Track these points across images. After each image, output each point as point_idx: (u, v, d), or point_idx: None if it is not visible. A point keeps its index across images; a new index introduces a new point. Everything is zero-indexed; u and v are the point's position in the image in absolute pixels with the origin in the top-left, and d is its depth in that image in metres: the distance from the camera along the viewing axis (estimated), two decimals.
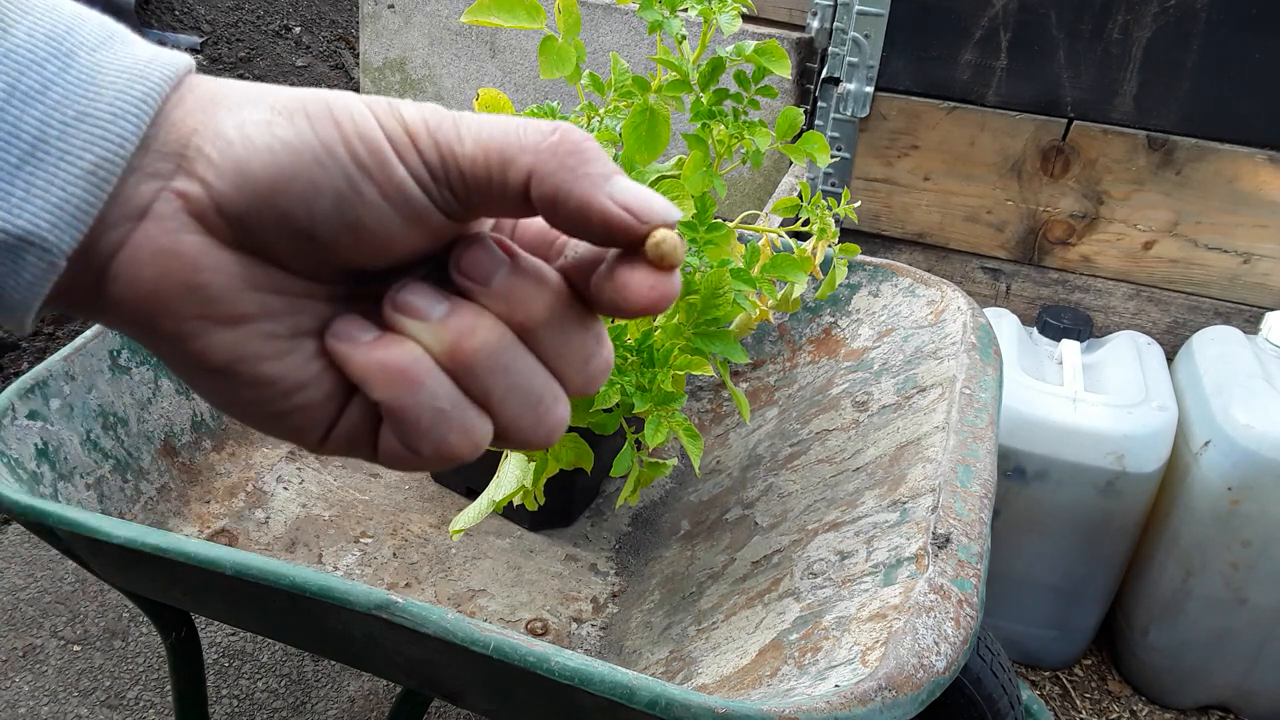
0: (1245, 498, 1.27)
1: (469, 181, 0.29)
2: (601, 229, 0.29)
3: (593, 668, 0.61)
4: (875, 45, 1.49)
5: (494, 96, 0.85)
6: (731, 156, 0.87)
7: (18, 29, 0.28)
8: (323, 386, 0.31)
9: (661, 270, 0.30)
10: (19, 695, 1.36)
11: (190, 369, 0.30)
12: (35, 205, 0.27)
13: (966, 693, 0.99)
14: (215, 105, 0.29)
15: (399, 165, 0.29)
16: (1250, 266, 1.46)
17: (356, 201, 0.29)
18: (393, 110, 0.29)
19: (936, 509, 0.77)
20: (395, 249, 0.30)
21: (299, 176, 0.28)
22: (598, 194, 0.29)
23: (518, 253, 0.31)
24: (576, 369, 0.32)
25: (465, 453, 0.31)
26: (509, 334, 0.31)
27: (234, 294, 0.29)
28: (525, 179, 0.29)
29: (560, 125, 0.29)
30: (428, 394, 0.30)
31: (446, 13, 2.20)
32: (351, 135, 0.29)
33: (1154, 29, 1.38)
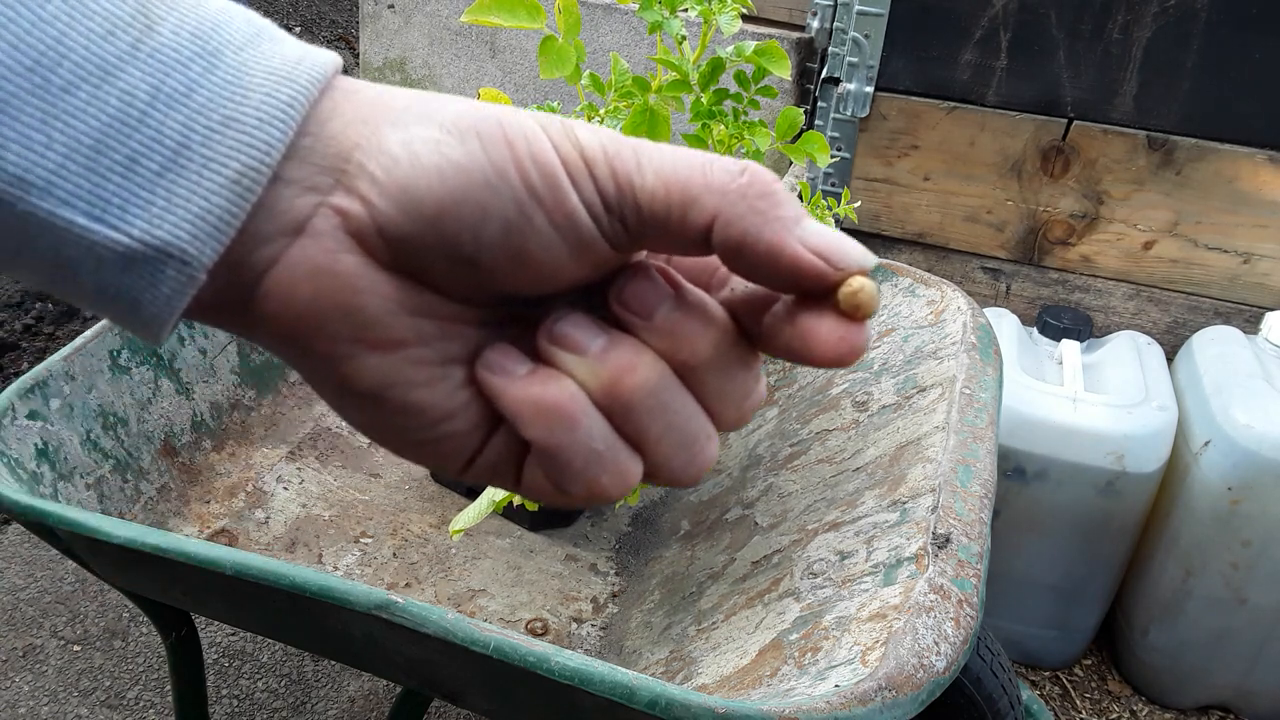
0: (1245, 498, 1.27)
1: (645, 217, 0.27)
2: (790, 276, 0.27)
3: (593, 668, 0.61)
4: (875, 45, 1.49)
5: (494, 97, 0.85)
6: (732, 156, 0.87)
7: (163, 26, 0.26)
8: (470, 416, 0.29)
9: (853, 321, 0.28)
10: (19, 695, 1.36)
11: (338, 391, 0.29)
12: (176, 215, 0.26)
13: (966, 693, 0.99)
14: (378, 118, 0.28)
15: (573, 193, 0.27)
16: (1250, 266, 1.46)
17: (525, 229, 0.27)
18: (568, 132, 0.28)
19: (936, 509, 0.77)
20: (557, 278, 0.28)
21: (468, 200, 0.26)
22: (790, 239, 0.27)
23: (682, 285, 0.30)
24: (731, 407, 0.30)
25: (616, 494, 0.29)
26: (669, 372, 0.29)
27: (389, 318, 0.28)
28: (709, 221, 0.27)
29: (749, 165, 0.28)
30: (583, 434, 0.28)
31: (446, 12, 2.20)
32: (525, 158, 0.27)
33: (1154, 29, 1.38)
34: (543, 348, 0.29)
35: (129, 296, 0.27)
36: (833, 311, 0.28)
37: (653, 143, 0.28)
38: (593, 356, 0.28)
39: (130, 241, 0.26)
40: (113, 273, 0.26)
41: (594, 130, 0.28)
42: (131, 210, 0.26)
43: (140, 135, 0.25)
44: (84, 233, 0.25)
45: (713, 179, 0.27)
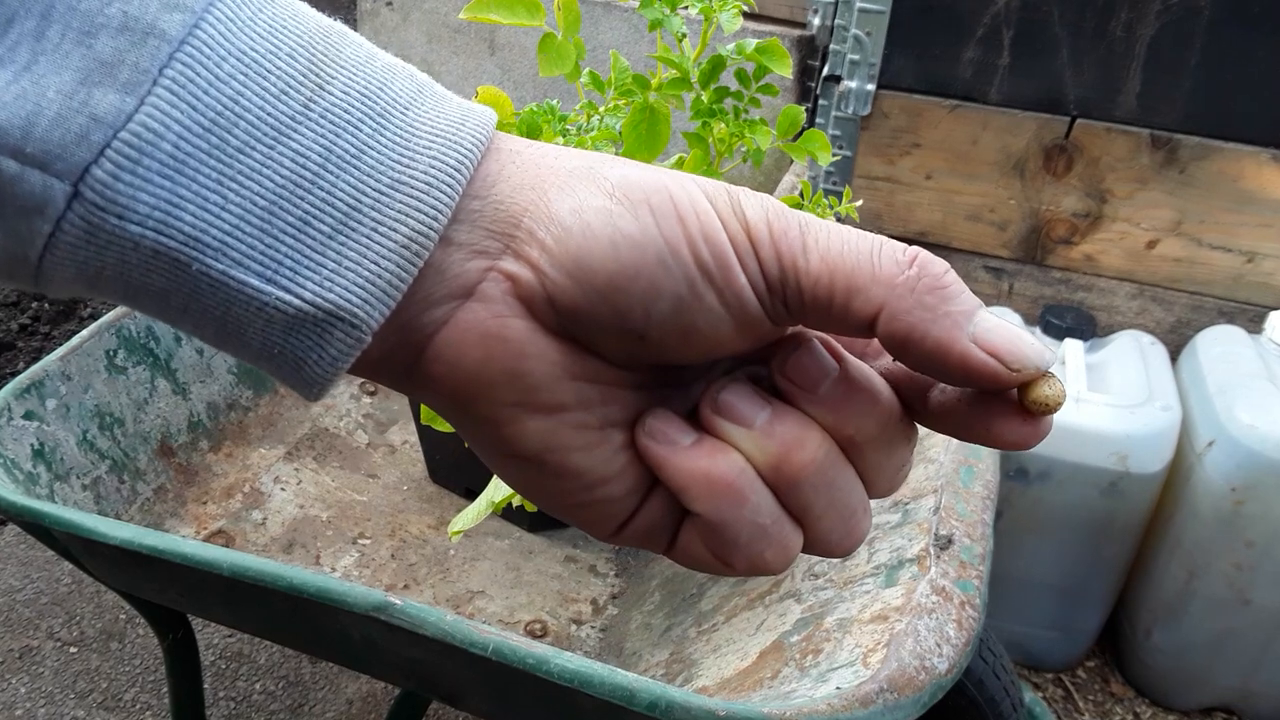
0: (1248, 498, 1.26)
1: (807, 301, 0.27)
2: (961, 374, 0.27)
3: (592, 669, 0.61)
4: (877, 43, 1.48)
5: (493, 94, 0.85)
6: (732, 155, 0.86)
7: (334, 85, 0.26)
8: (626, 481, 0.29)
9: (1036, 417, 0.27)
10: (16, 697, 1.35)
11: (498, 453, 0.29)
12: (347, 279, 0.26)
13: (969, 695, 0.99)
14: (545, 183, 0.27)
15: (741, 273, 0.27)
16: (1254, 266, 1.46)
17: (695, 306, 0.27)
18: (734, 207, 0.27)
19: (938, 510, 0.76)
20: (720, 351, 0.28)
21: (641, 276, 0.26)
22: (959, 337, 0.26)
23: (846, 359, 0.29)
24: (888, 479, 0.30)
25: (778, 568, 0.29)
26: (835, 449, 0.29)
27: (554, 383, 0.28)
28: (875, 313, 0.26)
29: (919, 255, 0.27)
30: (750, 509, 0.28)
31: (445, 9, 2.20)
32: (697, 236, 0.27)
33: (1157, 27, 1.37)
34: (706, 417, 0.29)
35: (294, 356, 0.27)
36: (1016, 408, 0.27)
37: (820, 221, 0.28)
38: (759, 430, 0.28)
39: (301, 304, 0.26)
40: (280, 333, 0.26)
41: (760, 204, 0.28)
42: (303, 273, 0.25)
43: (313, 197, 0.25)
44: (256, 294, 0.25)
45: (881, 271, 0.26)
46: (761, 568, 0.29)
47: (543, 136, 0.78)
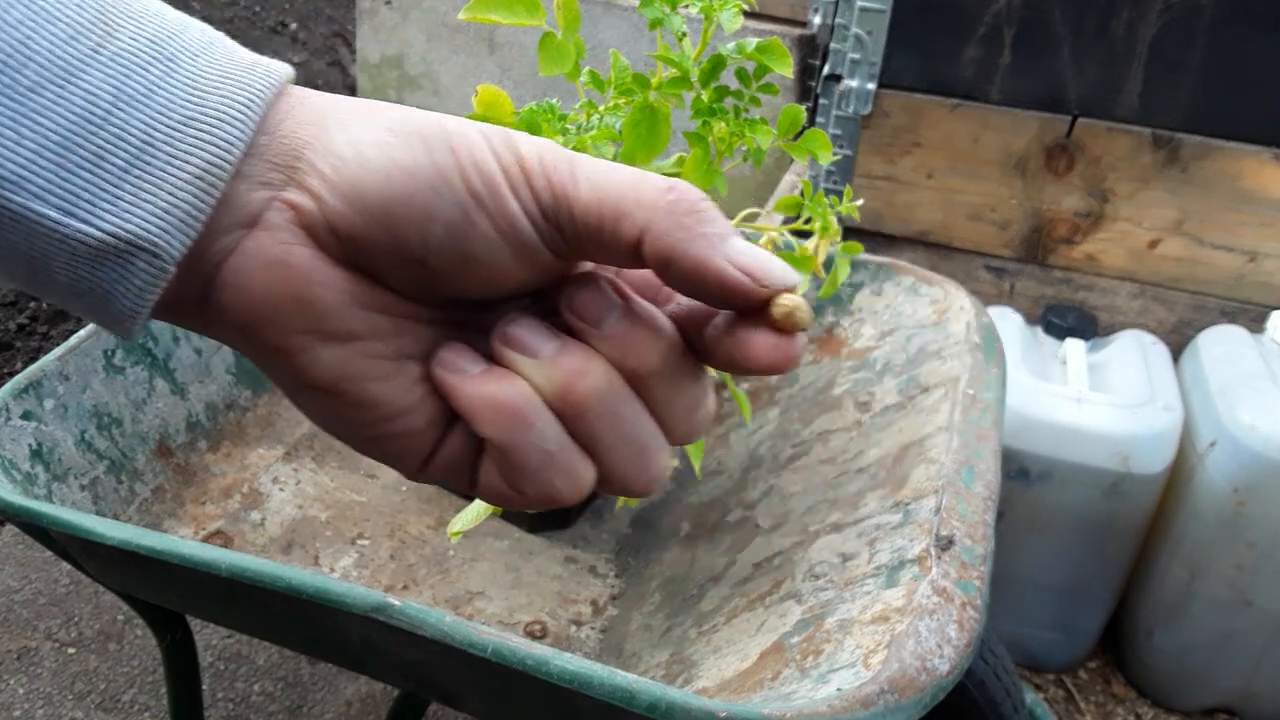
0: (1250, 499, 1.26)
1: (579, 228, 0.29)
2: (717, 291, 0.29)
3: (592, 670, 0.60)
4: (878, 42, 1.48)
5: (493, 94, 0.84)
6: (732, 154, 0.86)
7: (122, 32, 0.27)
8: (425, 413, 0.31)
9: (787, 334, 0.29)
10: (14, 698, 1.35)
11: (294, 384, 0.30)
12: (144, 209, 0.27)
13: (970, 696, 0.99)
14: (326, 119, 0.29)
15: (512, 199, 0.29)
16: (1256, 265, 1.45)
17: (469, 231, 0.29)
18: (508, 142, 0.29)
19: (940, 510, 0.76)
20: (504, 281, 0.30)
21: (414, 202, 0.28)
22: (714, 256, 0.28)
23: (631, 296, 0.31)
24: (681, 418, 0.32)
25: (568, 496, 0.30)
26: (619, 380, 0.30)
27: (343, 310, 0.29)
28: (638, 235, 0.28)
29: (677, 183, 0.29)
30: (536, 434, 0.29)
31: (444, 9, 2.20)
32: (467, 164, 0.28)
33: (1159, 26, 1.37)
34: (496, 349, 0.30)
35: (102, 290, 0.28)
36: (767, 326, 0.29)
37: (590, 158, 0.30)
38: (545, 360, 0.30)
39: (101, 235, 0.27)
40: (86, 266, 0.27)
41: (534, 141, 0.30)
42: (101, 205, 0.27)
43: (106, 133, 0.27)
44: (55, 226, 0.26)
45: (643, 196, 0.28)
46: (552, 495, 0.30)
47: (543, 135, 0.77)
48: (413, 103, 2.35)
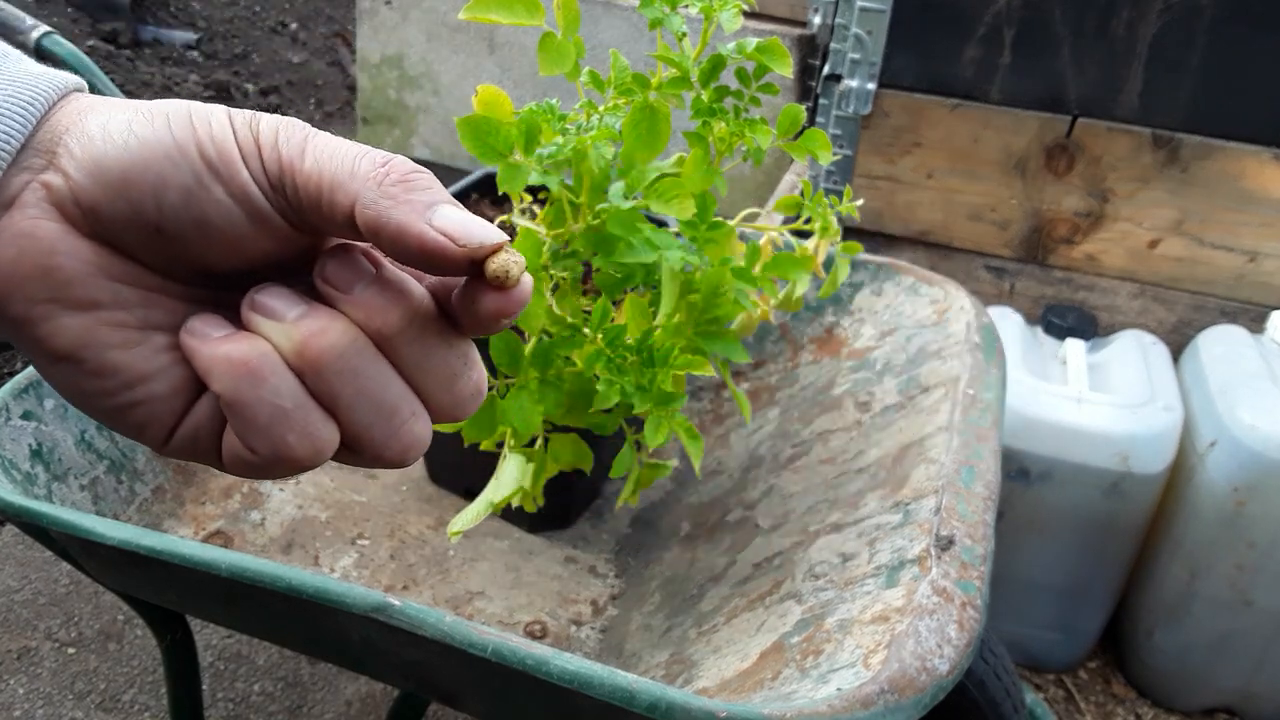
0: (1250, 499, 1.26)
1: (302, 197, 0.31)
2: (419, 253, 0.30)
3: (593, 670, 0.60)
4: (878, 41, 1.48)
5: (493, 94, 0.84)
6: (732, 154, 0.86)
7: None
8: (169, 380, 0.32)
9: (505, 288, 0.31)
10: (14, 698, 1.35)
11: (38, 354, 0.31)
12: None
13: (970, 696, 0.98)
14: (89, 110, 0.31)
15: (244, 168, 0.30)
16: (1256, 265, 1.45)
17: (204, 198, 0.30)
18: (251, 120, 0.31)
19: (940, 510, 0.76)
20: (245, 250, 0.32)
21: (149, 170, 0.30)
22: (417, 220, 0.30)
23: (384, 264, 0.32)
24: (441, 386, 0.33)
25: (304, 456, 0.31)
26: (363, 338, 0.31)
27: (86, 279, 0.30)
28: (350, 205, 0.30)
29: (395, 158, 0.31)
30: (269, 390, 0.30)
31: (444, 8, 2.19)
32: (205, 137, 0.30)
33: (1159, 25, 1.37)
34: (244, 315, 0.32)
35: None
36: (488, 284, 0.31)
37: (329, 135, 0.32)
38: (289, 322, 0.31)
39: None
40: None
41: (277, 120, 0.32)
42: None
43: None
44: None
45: (359, 169, 0.30)
46: (285, 453, 0.31)
47: (543, 135, 0.77)
48: (413, 102, 2.35)
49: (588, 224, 0.80)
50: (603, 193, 0.80)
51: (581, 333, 0.77)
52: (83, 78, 0.38)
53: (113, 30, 2.97)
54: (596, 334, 0.75)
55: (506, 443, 0.80)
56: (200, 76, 3.02)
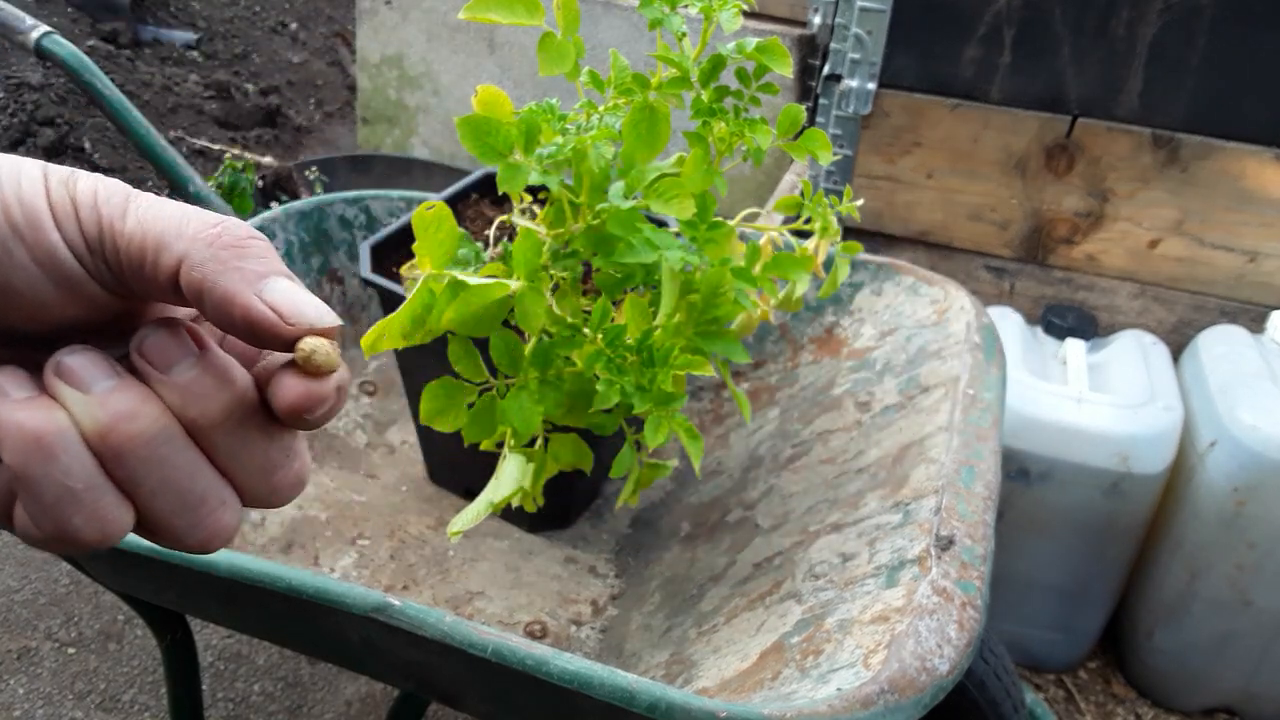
0: (1250, 499, 1.26)
1: (124, 260, 0.29)
2: (245, 325, 0.28)
3: (593, 671, 0.60)
4: (878, 41, 1.48)
5: (493, 94, 0.84)
6: (732, 154, 0.86)
7: None
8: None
9: (314, 377, 0.29)
10: (14, 698, 1.35)
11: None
12: None
13: (970, 696, 0.98)
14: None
15: (54, 231, 0.29)
16: (1256, 265, 1.45)
17: (6, 261, 0.28)
18: (68, 178, 0.29)
19: (940, 510, 0.76)
20: (50, 315, 0.30)
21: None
22: (245, 289, 0.28)
23: (210, 346, 0.30)
24: (256, 478, 0.31)
25: (89, 539, 0.29)
26: (175, 426, 0.29)
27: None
28: (176, 265, 0.28)
29: (228, 220, 0.29)
30: (59, 469, 0.28)
31: (444, 8, 2.19)
32: (12, 198, 0.29)
33: (1159, 26, 1.37)
34: (47, 378, 0.29)
35: None
36: (294, 368, 0.29)
37: (153, 197, 0.30)
38: (95, 397, 0.29)
39: None
40: None
41: (96, 178, 0.30)
42: None
43: None
44: None
45: (187, 228, 0.29)
46: (70, 534, 0.29)
47: (542, 135, 0.77)
48: (413, 102, 2.35)
49: (588, 224, 0.80)
50: (603, 193, 0.80)
51: (581, 333, 0.77)
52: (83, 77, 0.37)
53: (113, 30, 2.97)
54: (596, 334, 0.75)
55: (506, 443, 0.80)
56: (200, 76, 3.02)
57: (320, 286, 1.23)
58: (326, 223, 1.23)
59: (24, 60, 2.65)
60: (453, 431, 0.80)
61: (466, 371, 0.75)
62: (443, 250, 0.66)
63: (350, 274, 1.25)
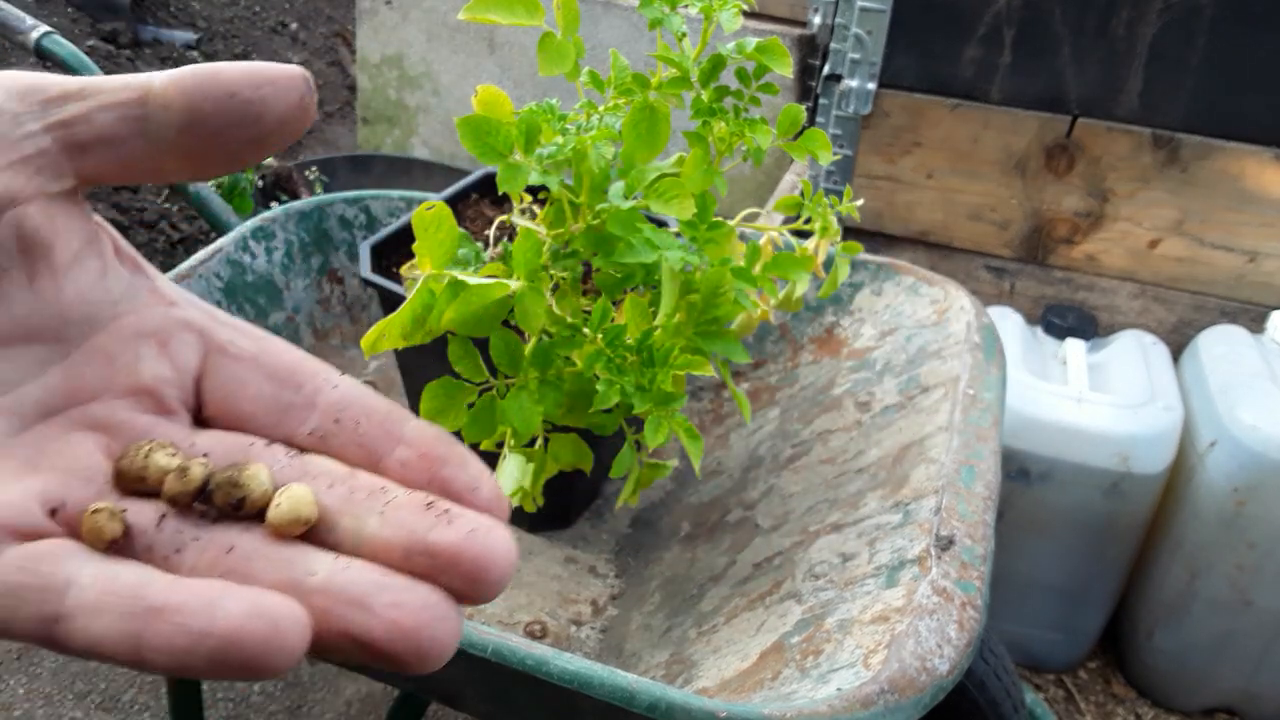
0: (1250, 499, 1.26)
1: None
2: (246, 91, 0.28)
3: (593, 670, 0.60)
4: (878, 41, 1.48)
5: (493, 94, 0.84)
6: (732, 154, 0.86)
7: None
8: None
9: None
10: (14, 698, 1.35)
11: None
12: None
13: (970, 696, 0.98)
14: None
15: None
16: (1256, 265, 1.45)
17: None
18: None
19: (940, 510, 0.76)
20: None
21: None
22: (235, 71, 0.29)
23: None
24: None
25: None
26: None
27: None
28: (147, 81, 0.29)
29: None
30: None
31: (444, 8, 2.19)
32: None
33: (1159, 26, 1.37)
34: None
35: None
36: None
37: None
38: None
39: None
40: None
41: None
42: None
43: None
44: None
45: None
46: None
47: (542, 135, 0.77)
48: (413, 102, 2.35)
49: (588, 224, 0.80)
50: (603, 193, 0.80)
51: (581, 333, 0.77)
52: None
53: (113, 30, 2.97)
54: (596, 334, 0.75)
55: (506, 443, 0.80)
56: None
57: (320, 286, 1.23)
58: (326, 223, 1.23)
59: (24, 60, 2.65)
60: (453, 431, 0.80)
61: (466, 371, 0.75)
62: (443, 250, 0.66)
63: (350, 274, 1.25)
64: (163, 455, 0.28)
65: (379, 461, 0.29)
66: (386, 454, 0.29)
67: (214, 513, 0.28)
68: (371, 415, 0.29)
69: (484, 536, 0.26)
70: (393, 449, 0.29)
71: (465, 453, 0.29)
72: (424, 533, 0.26)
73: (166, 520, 0.28)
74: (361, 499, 0.28)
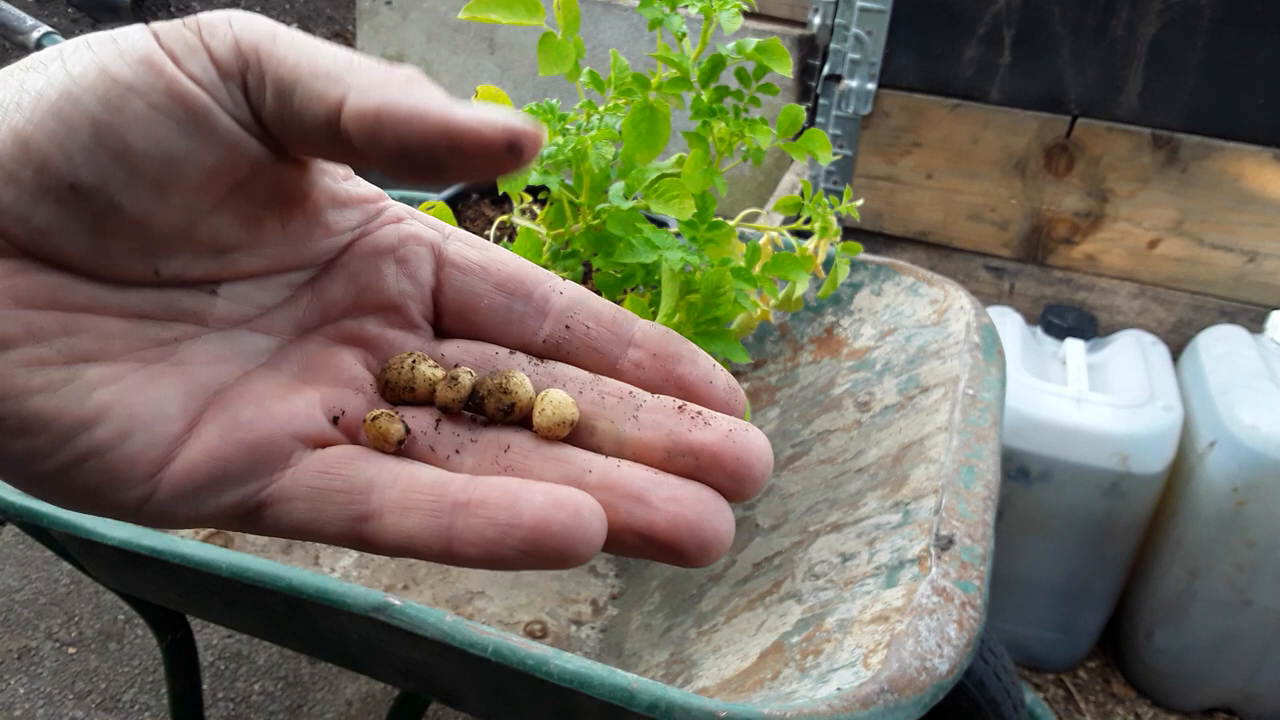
0: (1250, 499, 1.26)
1: (270, 83, 0.24)
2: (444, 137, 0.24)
3: (593, 670, 0.60)
4: (878, 42, 1.48)
5: (493, 94, 0.84)
6: (732, 154, 0.86)
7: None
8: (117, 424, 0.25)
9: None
10: (14, 698, 1.35)
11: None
12: None
13: (970, 696, 0.99)
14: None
15: (169, 64, 0.24)
16: (1256, 265, 1.45)
17: (119, 122, 0.24)
18: (183, 23, 0.25)
19: (939, 510, 0.76)
20: (187, 181, 0.25)
21: (46, 121, 0.23)
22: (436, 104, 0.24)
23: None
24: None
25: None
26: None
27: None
28: (339, 99, 0.24)
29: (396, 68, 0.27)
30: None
31: (444, 8, 2.20)
32: (112, 57, 0.24)
33: (1159, 26, 1.37)
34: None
35: None
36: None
37: (305, 36, 0.26)
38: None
39: None
40: None
41: (230, 14, 0.26)
42: None
43: None
44: None
45: (357, 64, 0.25)
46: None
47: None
48: None
49: (588, 224, 0.80)
50: (603, 193, 0.80)
51: None
52: None
53: None
54: None
55: None
56: None
57: None
58: None
59: None
60: None
61: None
62: None
63: None
64: (426, 366, 0.29)
65: (614, 364, 0.30)
66: (620, 356, 0.29)
67: (482, 419, 0.29)
68: (600, 318, 0.30)
69: (742, 436, 0.27)
70: (625, 350, 0.29)
71: (694, 348, 0.29)
72: (683, 434, 0.27)
73: (442, 425, 0.29)
74: (614, 403, 0.28)
